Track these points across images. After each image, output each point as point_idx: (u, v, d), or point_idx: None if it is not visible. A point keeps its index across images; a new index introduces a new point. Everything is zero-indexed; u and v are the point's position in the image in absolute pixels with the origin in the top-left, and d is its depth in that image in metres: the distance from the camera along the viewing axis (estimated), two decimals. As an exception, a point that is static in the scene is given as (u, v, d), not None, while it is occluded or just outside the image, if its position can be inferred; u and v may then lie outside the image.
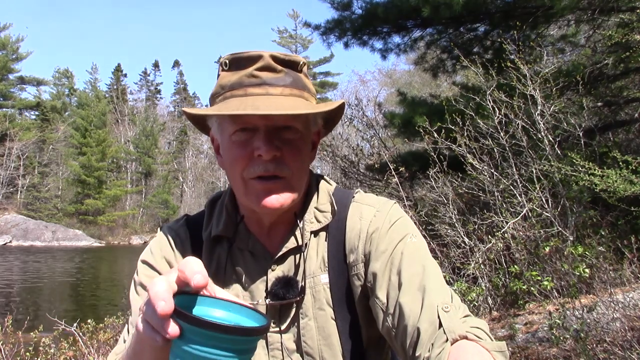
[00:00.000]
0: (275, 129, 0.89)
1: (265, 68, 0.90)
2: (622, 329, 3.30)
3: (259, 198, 0.90)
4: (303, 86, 0.93)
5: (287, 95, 0.90)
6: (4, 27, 43.37)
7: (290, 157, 0.90)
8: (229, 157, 0.93)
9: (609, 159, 5.44)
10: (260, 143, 0.87)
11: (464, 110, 5.80)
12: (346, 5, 7.89)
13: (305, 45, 46.46)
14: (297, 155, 0.92)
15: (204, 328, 0.55)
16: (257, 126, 0.89)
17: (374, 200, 1.02)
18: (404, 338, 0.81)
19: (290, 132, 0.91)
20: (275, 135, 0.89)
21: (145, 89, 62.02)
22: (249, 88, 0.89)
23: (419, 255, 0.91)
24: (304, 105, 0.90)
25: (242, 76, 0.90)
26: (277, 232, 1.00)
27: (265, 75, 0.89)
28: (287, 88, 0.90)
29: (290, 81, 0.91)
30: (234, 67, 0.92)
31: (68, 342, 4.47)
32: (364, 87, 33.54)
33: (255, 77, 0.89)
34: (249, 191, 0.92)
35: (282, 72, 0.91)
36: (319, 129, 1.02)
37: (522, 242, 5.01)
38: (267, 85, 0.89)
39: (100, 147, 43.51)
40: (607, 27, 7.00)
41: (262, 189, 0.90)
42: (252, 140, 0.89)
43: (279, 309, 0.96)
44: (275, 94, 0.89)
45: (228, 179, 0.98)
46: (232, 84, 0.91)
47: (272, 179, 0.89)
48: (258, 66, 0.89)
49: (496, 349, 0.73)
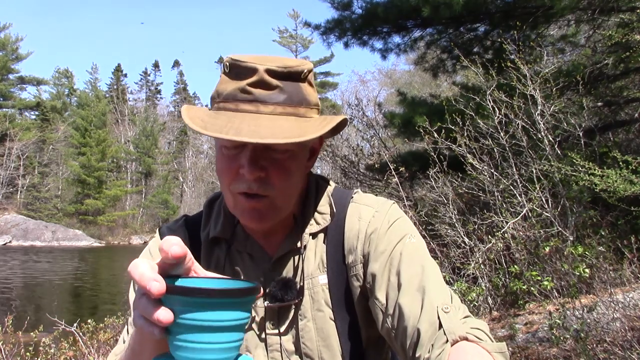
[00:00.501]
0: (263, 147, 0.87)
1: (259, 84, 0.87)
2: (622, 329, 3.30)
3: (244, 215, 0.91)
4: (299, 101, 0.90)
5: (279, 114, 0.87)
6: (4, 27, 43.39)
7: (276, 177, 0.88)
8: (219, 167, 0.93)
9: (609, 159, 5.44)
10: (245, 162, 0.86)
11: (464, 110, 5.80)
12: (346, 5, 7.90)
13: (306, 45, 46.48)
14: (284, 175, 0.89)
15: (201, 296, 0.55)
16: (245, 143, 0.87)
17: (373, 200, 1.01)
18: (404, 339, 0.81)
19: (279, 153, 0.89)
20: (262, 155, 0.88)
21: (145, 89, 62.06)
22: (240, 104, 0.87)
23: (418, 255, 0.90)
24: (295, 127, 0.86)
25: (236, 89, 0.88)
26: (276, 234, 0.99)
27: (258, 92, 0.87)
28: (280, 106, 0.87)
29: (283, 98, 0.88)
30: (232, 73, 0.90)
31: (68, 342, 4.47)
32: (364, 87, 33.51)
33: (248, 92, 0.87)
34: (236, 205, 0.91)
35: (276, 89, 0.87)
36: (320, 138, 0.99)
37: (522, 242, 5.02)
38: (258, 102, 0.86)
39: (100, 147, 43.51)
40: (607, 27, 7.00)
41: (247, 206, 0.89)
42: (239, 156, 0.88)
43: (278, 311, 0.95)
44: (266, 112, 0.86)
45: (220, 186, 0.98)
46: (225, 95, 0.89)
47: (256, 197, 0.88)
48: (251, 81, 0.87)
49: (496, 350, 0.73)
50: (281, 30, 47.13)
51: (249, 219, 0.91)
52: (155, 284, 0.54)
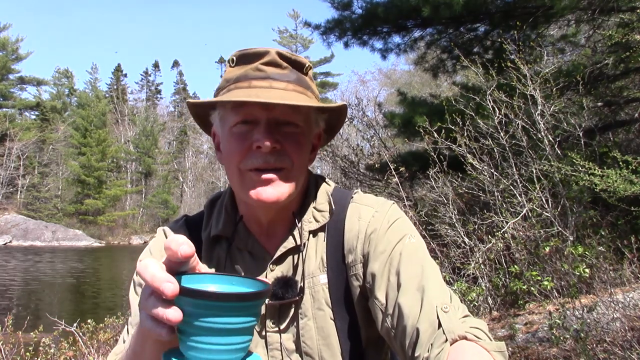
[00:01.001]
0: (276, 122, 0.89)
1: (271, 63, 0.90)
2: (622, 329, 3.30)
3: (255, 190, 0.90)
4: (307, 86, 0.94)
5: (291, 91, 0.90)
6: (4, 27, 43.38)
7: (291, 149, 0.90)
8: (228, 149, 0.93)
9: (609, 159, 5.44)
10: (261, 135, 0.87)
11: (464, 110, 5.80)
12: (346, 5, 7.90)
13: (306, 45, 46.48)
14: (298, 148, 0.92)
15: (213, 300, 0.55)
16: (258, 119, 0.89)
17: (373, 200, 1.02)
18: (403, 338, 0.81)
19: (291, 127, 0.91)
20: (276, 129, 0.89)
21: (145, 89, 62.07)
22: (253, 81, 0.90)
23: (417, 255, 0.91)
24: (305, 101, 0.91)
25: (248, 70, 0.91)
26: (276, 232, 0.99)
27: (270, 70, 0.90)
28: (291, 84, 0.91)
29: (294, 78, 0.92)
30: (240, 63, 0.93)
31: (68, 342, 4.47)
32: (364, 87, 33.52)
33: (261, 70, 0.90)
34: (245, 183, 0.91)
35: (286, 69, 0.91)
36: (320, 133, 1.02)
37: (522, 242, 5.01)
38: (271, 79, 0.90)
39: (100, 147, 43.50)
40: (607, 27, 7.00)
41: (259, 180, 0.89)
42: (252, 132, 0.89)
43: (278, 308, 0.96)
44: (279, 88, 0.90)
45: (226, 172, 0.98)
46: (237, 77, 0.92)
47: (271, 171, 0.89)
48: (264, 61, 0.90)
49: (495, 349, 0.73)
50: (281, 30, 47.19)
51: (262, 193, 0.89)
52: (169, 285, 0.54)
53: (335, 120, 1.02)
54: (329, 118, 1.01)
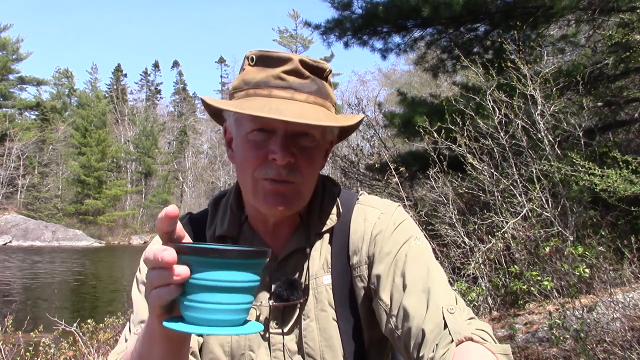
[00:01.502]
0: (293, 134, 0.88)
1: (294, 72, 0.88)
2: (622, 329, 3.30)
3: (266, 199, 0.89)
4: (326, 95, 0.92)
5: (311, 103, 0.88)
6: (4, 27, 43.37)
7: (304, 165, 0.89)
8: (242, 155, 0.92)
9: (609, 159, 5.44)
10: (277, 147, 0.86)
11: (464, 110, 5.80)
12: (346, 5, 7.89)
13: (306, 45, 46.49)
14: (310, 163, 0.91)
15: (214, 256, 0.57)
16: (275, 129, 0.88)
17: (378, 202, 1.02)
18: (408, 339, 0.81)
19: (308, 140, 0.90)
20: (292, 141, 0.88)
21: (145, 89, 62.07)
22: (274, 90, 0.88)
23: (423, 257, 0.91)
24: (325, 116, 0.88)
25: (269, 76, 0.88)
26: (282, 232, 0.99)
27: (292, 80, 0.88)
28: (312, 95, 0.89)
29: (315, 89, 0.90)
30: (260, 64, 0.90)
31: (68, 342, 4.46)
32: (364, 87, 33.49)
33: (282, 79, 0.88)
34: (257, 191, 0.91)
35: (308, 79, 0.89)
36: (334, 139, 1.02)
37: (522, 242, 5.01)
38: (293, 89, 0.88)
39: (100, 147, 43.50)
40: (607, 27, 7.00)
41: (271, 190, 0.89)
42: (268, 142, 0.88)
43: (282, 310, 0.96)
44: (300, 100, 0.88)
45: (237, 174, 0.97)
46: (257, 82, 0.89)
47: (283, 182, 0.89)
48: (286, 69, 0.88)
49: (501, 352, 0.73)
50: (281, 30, 47.23)
51: (272, 202, 0.89)
52: (166, 252, 0.59)
53: (350, 129, 1.02)
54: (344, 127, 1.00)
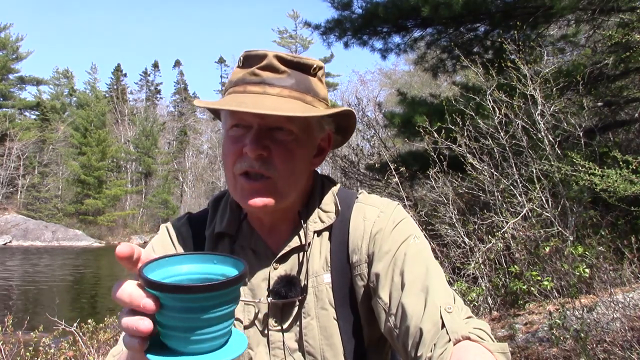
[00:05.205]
0: (268, 128, 0.90)
1: (267, 67, 0.90)
2: (622, 329, 3.30)
3: (244, 197, 0.91)
4: (307, 89, 0.92)
5: (285, 97, 0.89)
6: (4, 27, 43.36)
7: (278, 158, 0.90)
8: (224, 151, 0.95)
9: (609, 159, 5.44)
10: (248, 140, 0.88)
11: (464, 110, 5.81)
12: (346, 5, 7.90)
13: (306, 46, 46.47)
14: (287, 156, 0.90)
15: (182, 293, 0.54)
16: (251, 124, 0.90)
17: (378, 201, 1.02)
18: (406, 338, 0.81)
19: (283, 134, 0.90)
20: (267, 135, 0.89)
21: (145, 89, 62.06)
22: (248, 86, 0.90)
23: (422, 256, 0.91)
24: (299, 108, 0.88)
25: (245, 74, 0.91)
26: (280, 230, 1.00)
27: (266, 75, 0.90)
28: (286, 89, 0.90)
29: (291, 83, 0.90)
30: (246, 65, 0.94)
31: (68, 342, 4.47)
32: (364, 87, 33.56)
33: (256, 75, 0.90)
34: (236, 188, 0.93)
35: (284, 73, 0.90)
36: (328, 135, 1.01)
37: (522, 242, 5.01)
38: (265, 84, 0.89)
39: (100, 147, 43.47)
40: (607, 27, 7.00)
41: (248, 188, 0.90)
42: (244, 136, 0.90)
43: (281, 307, 0.96)
44: (273, 93, 0.89)
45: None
46: (236, 80, 0.93)
47: (258, 178, 0.90)
48: (260, 65, 0.90)
49: (499, 350, 0.73)
50: (281, 30, 47.17)
51: (248, 199, 0.90)
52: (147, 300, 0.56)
53: (343, 122, 1.01)
54: (337, 120, 0.99)
